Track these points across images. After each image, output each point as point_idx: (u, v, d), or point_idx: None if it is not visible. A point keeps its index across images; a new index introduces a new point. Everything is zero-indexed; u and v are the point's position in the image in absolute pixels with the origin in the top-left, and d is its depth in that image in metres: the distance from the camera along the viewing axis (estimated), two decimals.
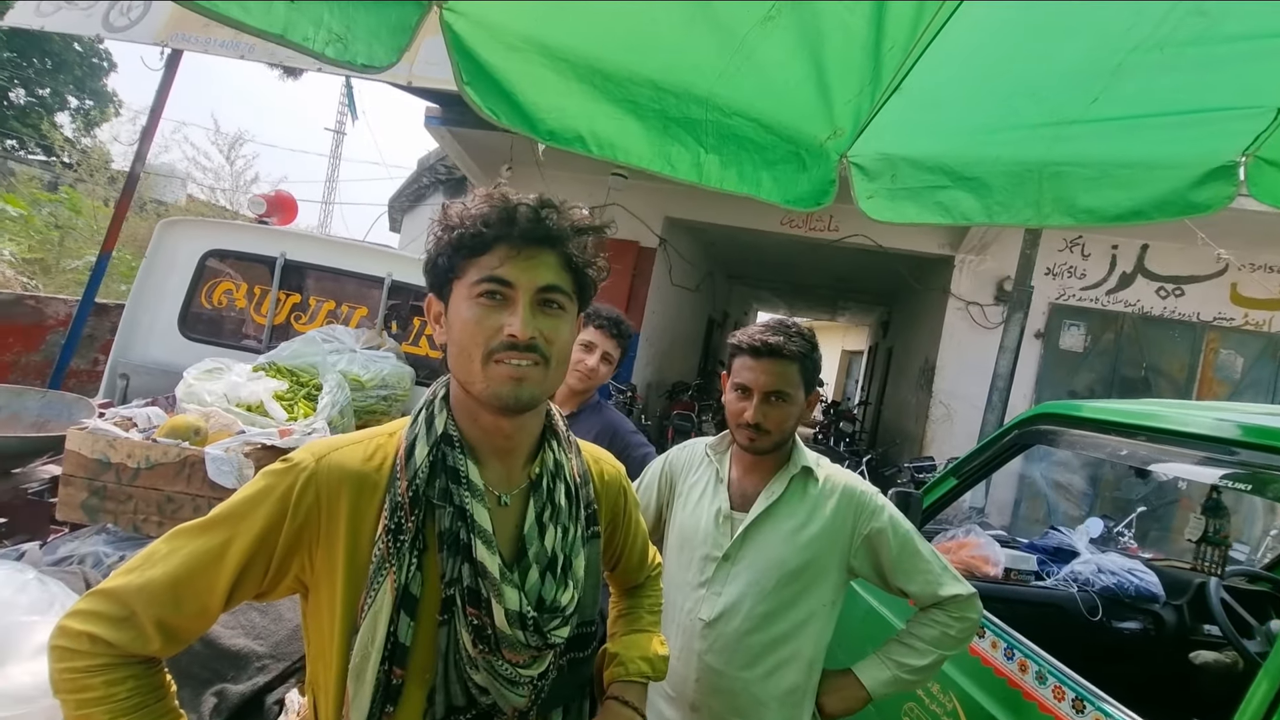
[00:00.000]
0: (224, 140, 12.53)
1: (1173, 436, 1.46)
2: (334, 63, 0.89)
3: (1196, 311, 6.31)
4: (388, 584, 0.73)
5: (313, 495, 0.75)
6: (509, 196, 0.79)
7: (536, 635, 0.78)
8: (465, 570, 0.76)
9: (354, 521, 0.76)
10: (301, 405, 2.05)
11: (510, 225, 0.77)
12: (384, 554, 0.74)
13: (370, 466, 0.79)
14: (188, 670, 1.18)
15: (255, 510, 0.74)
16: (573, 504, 0.87)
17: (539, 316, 0.79)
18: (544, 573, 0.81)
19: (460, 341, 0.79)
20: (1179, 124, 1.57)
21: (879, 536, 1.36)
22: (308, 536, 0.76)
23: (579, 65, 1.12)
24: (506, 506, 0.83)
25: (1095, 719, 1.29)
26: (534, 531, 0.82)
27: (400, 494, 0.76)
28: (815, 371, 1.40)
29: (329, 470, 0.77)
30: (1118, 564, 2.18)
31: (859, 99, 1.40)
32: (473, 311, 0.78)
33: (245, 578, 0.74)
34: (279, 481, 0.76)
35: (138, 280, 2.91)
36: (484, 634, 0.76)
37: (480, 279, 0.78)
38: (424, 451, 0.78)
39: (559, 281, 0.80)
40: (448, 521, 0.77)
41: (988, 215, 1.60)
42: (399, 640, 0.74)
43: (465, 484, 0.78)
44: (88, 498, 1.66)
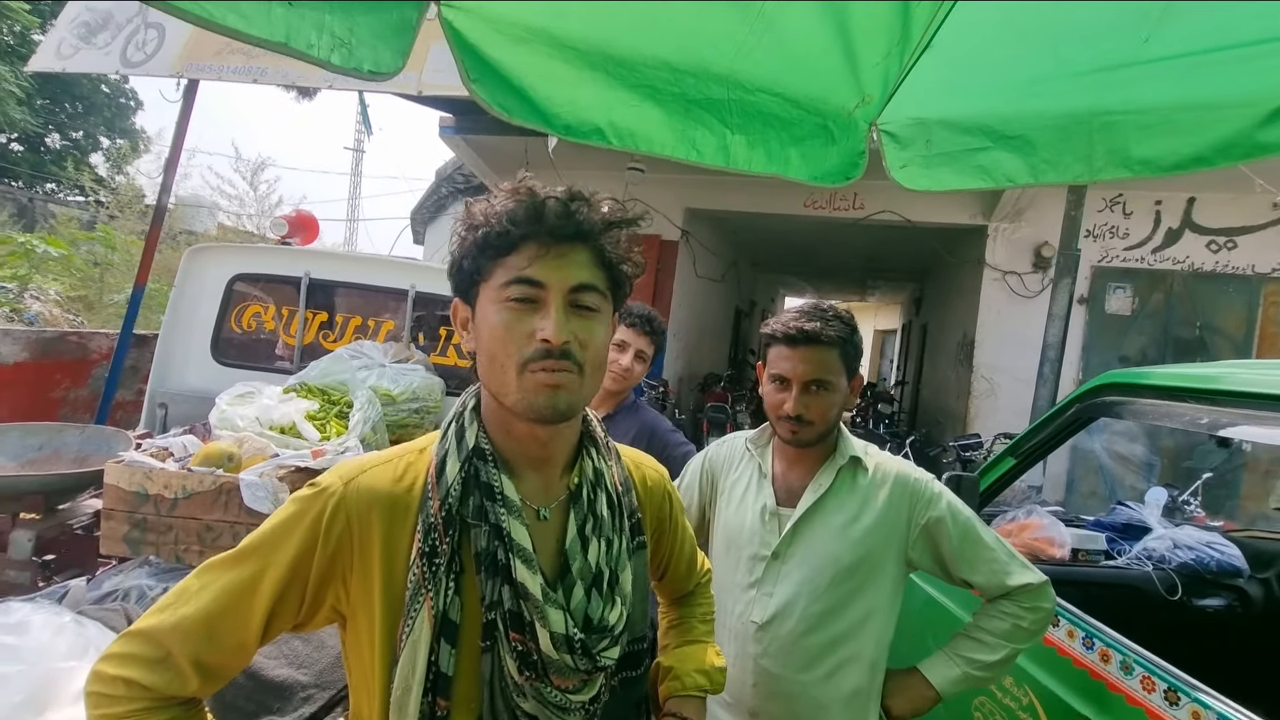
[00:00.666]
0: (246, 167, 12.84)
1: (1256, 400, 1.33)
2: (341, 70, 0.85)
3: (1251, 264, 5.98)
4: (425, 611, 0.70)
5: (343, 521, 0.72)
6: (535, 190, 0.74)
7: (585, 658, 0.73)
8: (505, 593, 0.72)
9: (388, 546, 0.72)
10: (334, 424, 2.04)
11: (538, 221, 0.72)
12: (420, 579, 0.70)
13: (401, 487, 0.75)
14: (233, 704, 1.16)
15: (286, 539, 0.71)
16: (615, 514, 0.82)
17: (572, 319, 0.74)
18: (589, 590, 0.76)
19: (490, 349, 0.74)
20: (1242, 57, 1.43)
21: (938, 526, 1.28)
22: (341, 564, 0.72)
23: (589, 53, 1.05)
24: (546, 521, 0.78)
25: (1192, 711, 1.18)
26: (576, 546, 0.77)
27: (433, 514, 0.72)
28: (857, 356, 1.32)
29: (358, 494, 0.73)
30: (1195, 538, 2.04)
31: (887, 61, 1.31)
32: (501, 316, 0.73)
33: (281, 609, 0.71)
34: (308, 508, 0.72)
35: (169, 309, 2.96)
36: (529, 660, 0.72)
37: (509, 280, 0.73)
38: (455, 468, 0.74)
39: (593, 280, 0.75)
40: (484, 541, 0.73)
41: (1033, 175, 1.49)
42: (441, 670, 0.70)
43: (501, 500, 0.74)
44: (129, 530, 1.66)
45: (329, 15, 0.86)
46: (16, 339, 3.69)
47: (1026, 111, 1.48)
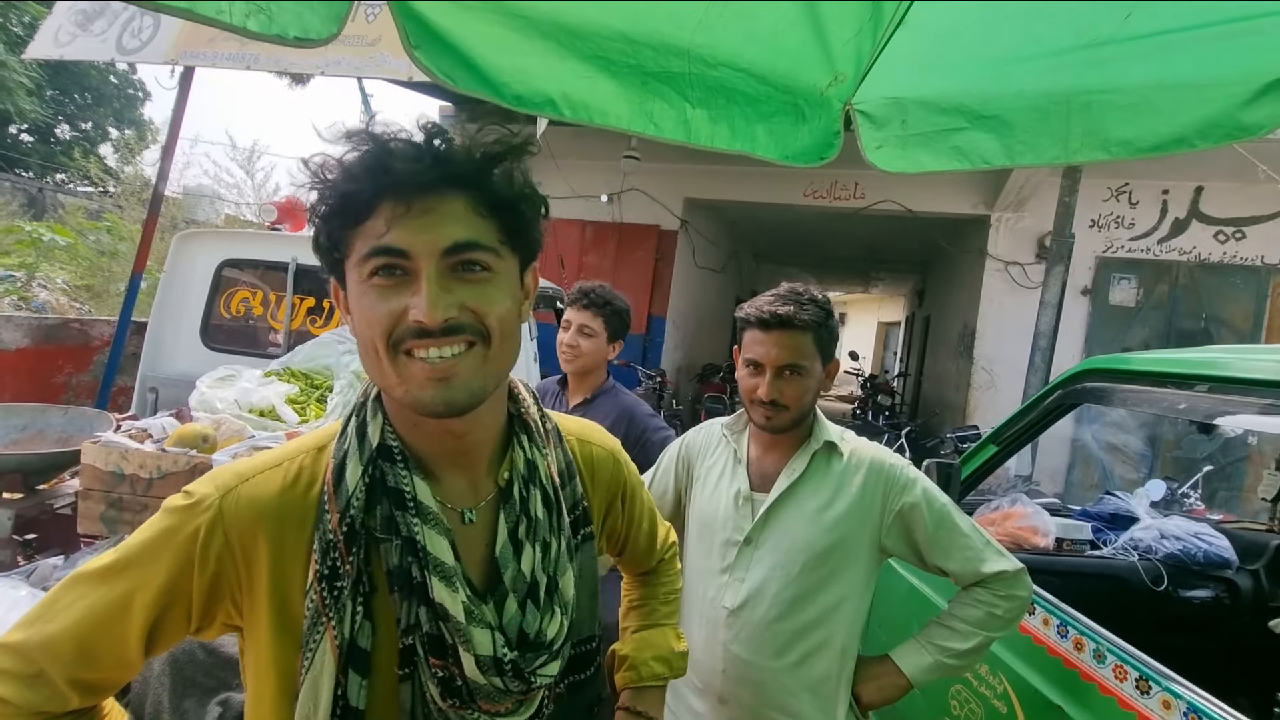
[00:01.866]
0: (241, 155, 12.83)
1: (1237, 384, 1.31)
2: (261, 37, 0.81)
3: (1260, 254, 5.89)
4: (326, 642, 0.60)
5: (220, 541, 0.61)
6: (379, 133, 0.60)
7: (517, 680, 0.64)
8: (423, 614, 0.62)
9: (278, 567, 0.62)
10: (314, 408, 2.04)
11: (385, 172, 0.58)
12: (319, 606, 0.60)
13: (292, 496, 0.64)
14: (192, 679, 1.16)
15: (156, 559, 0.61)
16: (553, 512, 0.72)
17: (457, 287, 0.61)
18: (524, 601, 0.67)
19: (362, 336, 0.62)
20: (1225, 34, 1.39)
21: (912, 512, 1.26)
22: (225, 585, 0.63)
23: (539, 21, 1.02)
24: (472, 525, 0.68)
25: (1163, 700, 1.17)
26: (508, 553, 0.67)
27: (331, 529, 0.61)
28: (831, 340, 1.30)
29: (237, 508, 0.62)
30: (1182, 528, 2.01)
31: (859, 38, 1.28)
32: (367, 298, 0.60)
33: (162, 628, 0.62)
34: (180, 524, 0.62)
35: (158, 295, 2.97)
36: (453, 686, 0.63)
37: (367, 253, 0.59)
38: (357, 472, 0.63)
39: (474, 235, 0.61)
40: (396, 557, 0.62)
41: (1009, 157, 1.45)
42: (350, 704, 0.61)
43: (413, 507, 0.63)
44: (106, 510, 1.67)
45: None
46: (19, 325, 3.73)
47: (1004, 91, 1.45)
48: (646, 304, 7.53)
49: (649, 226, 7.52)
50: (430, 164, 0.59)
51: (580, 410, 1.92)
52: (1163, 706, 1.16)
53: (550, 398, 2.02)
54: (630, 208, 7.47)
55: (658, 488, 1.48)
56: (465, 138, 0.62)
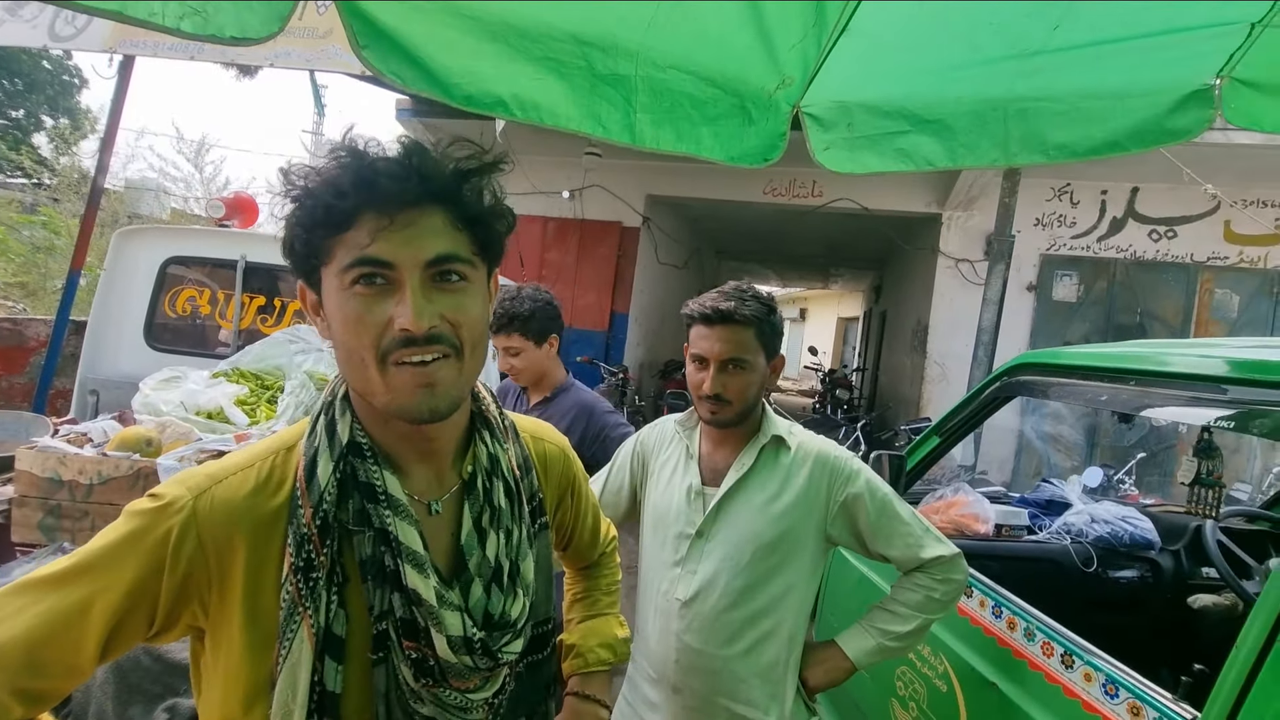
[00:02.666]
0: (189, 147, 12.33)
1: (1156, 378, 1.40)
2: (197, 38, 0.80)
3: (1190, 252, 6.23)
4: (304, 631, 0.63)
5: (193, 543, 0.63)
6: (362, 150, 0.63)
7: (486, 657, 0.69)
8: (396, 600, 0.66)
9: (253, 566, 0.64)
10: (264, 409, 2.00)
11: (371, 187, 0.62)
12: (294, 598, 0.63)
13: (266, 495, 0.67)
14: (138, 686, 1.14)
15: (121, 562, 0.61)
16: (514, 502, 0.76)
17: (437, 297, 0.64)
18: (489, 585, 0.71)
19: (346, 344, 0.64)
20: (1149, 47, 1.48)
21: (856, 502, 1.31)
22: (195, 586, 0.64)
23: (489, 22, 1.03)
24: (438, 515, 0.72)
25: (1085, 673, 1.24)
26: (473, 540, 0.71)
27: (305, 524, 0.64)
28: (775, 335, 1.34)
29: (212, 511, 0.64)
30: (1111, 512, 2.13)
31: (804, 44, 1.32)
32: (350, 305, 0.63)
33: (120, 634, 0.62)
34: (149, 526, 0.62)
35: (98, 294, 2.86)
36: (426, 666, 0.67)
37: (350, 263, 0.62)
38: (329, 468, 0.66)
39: (453, 248, 0.65)
40: (369, 548, 0.66)
41: (952, 159, 1.52)
42: (327, 689, 0.63)
43: (385, 499, 0.66)
44: (43, 517, 1.61)
45: None
46: None
47: (945, 96, 1.52)
48: (609, 301, 7.54)
49: (611, 223, 7.52)
50: (413, 180, 0.63)
51: (541, 408, 1.93)
52: (1084, 679, 1.24)
53: (512, 397, 2.03)
54: (592, 204, 7.46)
55: (613, 484, 1.50)
56: (439, 152, 0.66)
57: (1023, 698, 1.36)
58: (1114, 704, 1.16)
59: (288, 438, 0.72)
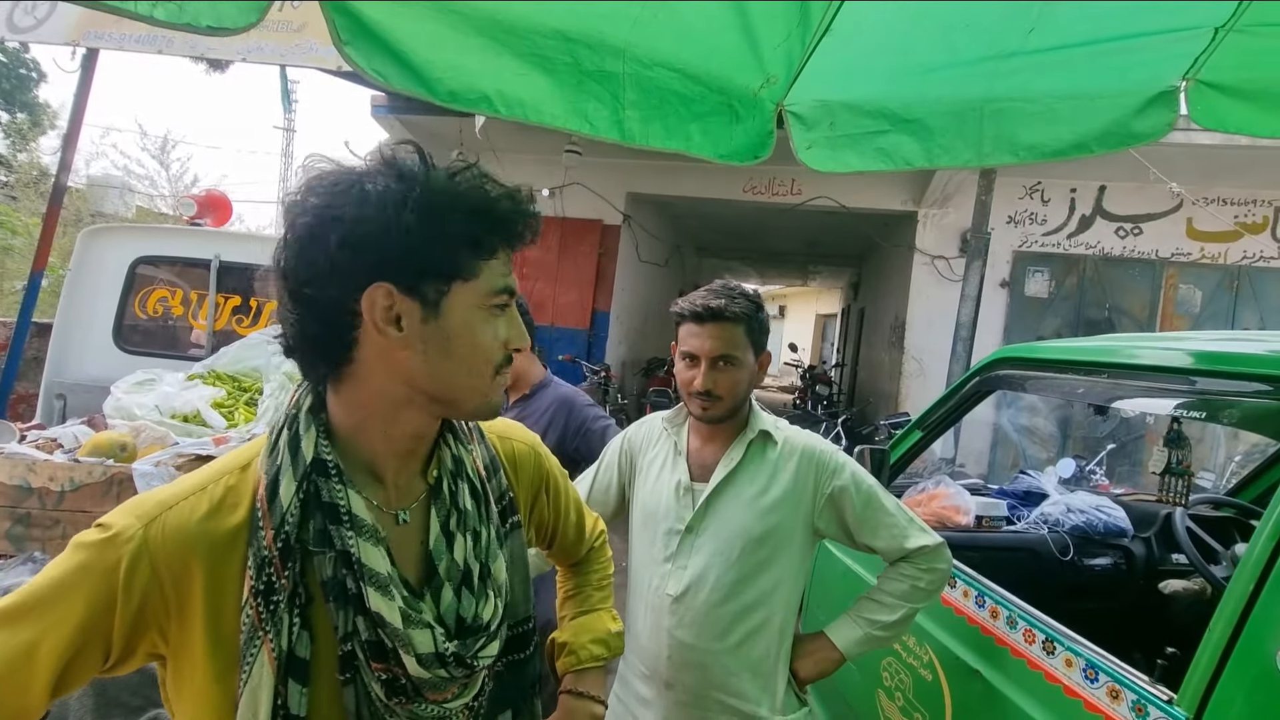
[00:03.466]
0: (153, 144, 12.03)
1: (1129, 370, 1.44)
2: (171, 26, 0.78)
3: (1155, 249, 6.41)
4: (264, 655, 0.61)
5: (147, 572, 0.61)
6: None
7: (460, 667, 0.68)
8: (360, 622, 0.65)
9: (212, 591, 0.63)
10: (243, 411, 1.96)
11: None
12: (255, 621, 0.62)
13: (221, 519, 0.65)
14: (117, 698, 1.11)
15: (69, 597, 0.59)
16: (480, 502, 0.77)
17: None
18: (459, 589, 0.71)
19: (469, 355, 0.69)
20: (1117, 50, 1.52)
21: (842, 494, 1.33)
22: (151, 614, 0.62)
23: (475, 18, 1.02)
24: (406, 524, 0.72)
25: (1065, 659, 1.28)
26: (441, 545, 0.72)
27: (266, 546, 0.63)
28: (762, 332, 1.35)
29: (164, 538, 0.62)
30: (1086, 502, 2.19)
31: (789, 43, 1.33)
32: (489, 324, 0.70)
33: (74, 669, 0.60)
34: (97, 558, 0.60)
35: (64, 295, 2.78)
36: (397, 685, 0.66)
37: (500, 289, 0.70)
38: (291, 487, 0.64)
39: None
40: (330, 569, 0.64)
41: (929, 159, 1.55)
42: (291, 712, 0.62)
43: (348, 520, 0.65)
44: (11, 526, 1.56)
45: None
46: None
47: (924, 97, 1.55)
48: (590, 299, 7.52)
49: (592, 221, 7.50)
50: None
51: (521, 405, 1.92)
52: (1065, 664, 1.27)
53: None
54: (573, 202, 7.43)
55: (601, 482, 1.50)
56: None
57: (1006, 684, 1.39)
58: (1094, 688, 1.20)
59: (241, 457, 0.70)
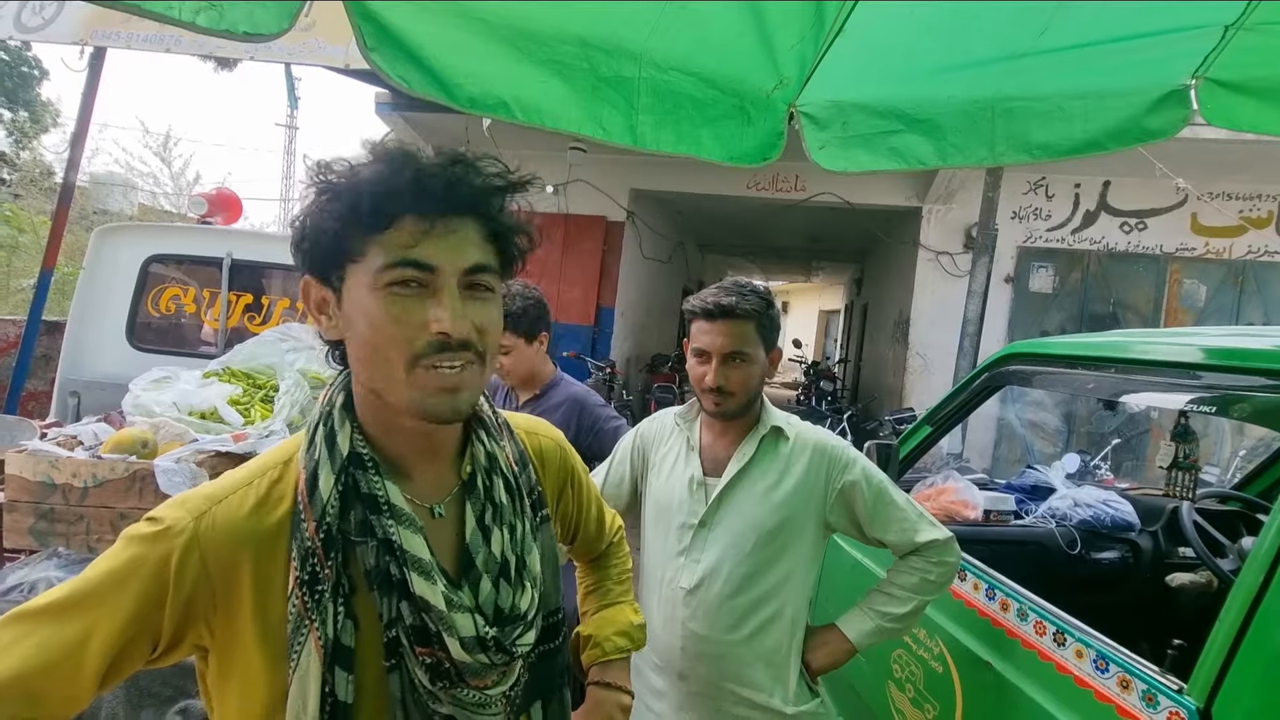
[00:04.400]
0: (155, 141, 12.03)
1: (1138, 365, 1.45)
2: (210, 32, 0.80)
3: (1159, 244, 6.41)
4: (311, 643, 0.63)
5: (197, 565, 0.63)
6: (411, 153, 0.64)
7: (500, 653, 0.69)
8: (405, 608, 0.66)
9: (259, 582, 0.65)
10: (259, 408, 1.98)
11: (421, 192, 0.62)
12: (300, 611, 0.63)
13: (267, 512, 0.67)
14: (149, 689, 1.14)
15: (121, 590, 0.61)
16: (515, 497, 0.77)
17: (469, 304, 0.65)
18: (497, 581, 0.72)
19: (372, 342, 0.65)
20: (1129, 49, 1.54)
21: (852, 489, 1.35)
22: (200, 607, 0.64)
23: (498, 25, 1.04)
24: (442, 518, 0.72)
25: (1076, 650, 1.30)
26: (478, 539, 0.72)
27: (309, 537, 0.64)
28: (773, 329, 1.37)
29: (214, 532, 0.64)
30: (1093, 496, 2.20)
31: (802, 45, 1.35)
32: (385, 305, 0.63)
33: (123, 660, 0.62)
34: (148, 552, 0.62)
35: (78, 293, 2.80)
36: (441, 669, 0.67)
37: (391, 263, 0.62)
38: (330, 480, 0.66)
39: (485, 258, 0.67)
40: (373, 558, 0.66)
41: (941, 158, 1.56)
42: (339, 699, 0.64)
43: (388, 509, 0.66)
44: (35, 522, 1.59)
45: None
46: None
47: (936, 97, 1.56)
48: (595, 295, 7.54)
49: (595, 218, 7.51)
50: (457, 189, 0.64)
51: (531, 405, 1.94)
52: (1076, 655, 1.29)
53: (501, 395, 2.03)
54: (576, 199, 7.44)
55: (614, 477, 1.52)
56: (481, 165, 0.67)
57: (1017, 675, 1.41)
58: (1105, 678, 1.22)
59: (283, 452, 0.72)
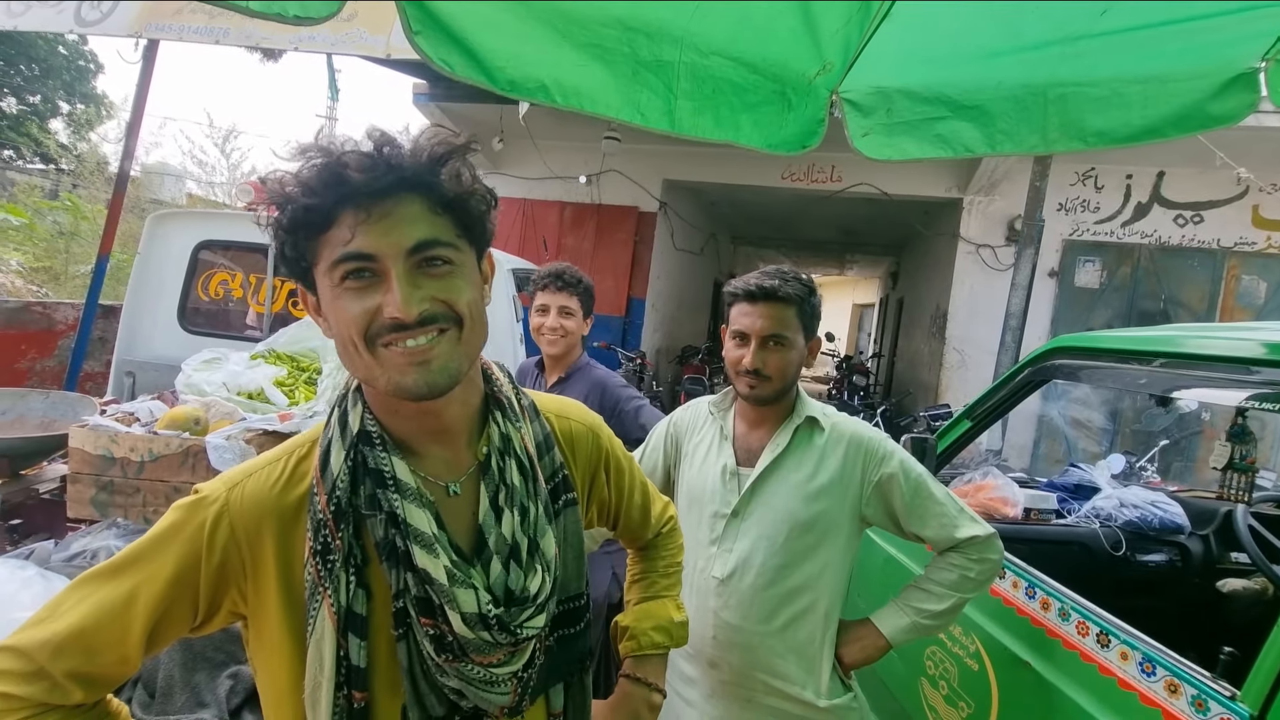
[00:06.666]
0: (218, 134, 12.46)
1: (1192, 360, 1.40)
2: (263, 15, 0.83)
3: (1216, 238, 6.12)
4: (325, 609, 0.67)
5: (226, 531, 0.68)
6: (331, 146, 0.63)
7: (504, 633, 0.70)
8: (410, 579, 0.68)
9: (283, 551, 0.69)
10: (302, 390, 2.04)
11: (343, 183, 0.62)
12: (315, 578, 0.67)
13: (291, 486, 0.72)
14: (202, 653, 1.19)
15: (163, 552, 0.67)
16: (529, 479, 0.77)
17: (425, 282, 0.66)
18: (507, 562, 0.73)
19: (341, 335, 0.67)
20: (1194, 31, 1.46)
21: (890, 482, 1.33)
22: (231, 573, 0.69)
23: (540, 7, 1.04)
24: (458, 496, 0.74)
25: (1121, 652, 1.26)
26: (490, 519, 0.73)
27: (321, 510, 0.68)
28: (814, 316, 1.35)
29: (242, 502, 0.69)
30: (1140, 497, 2.13)
31: (847, 29, 1.32)
32: (344, 300, 0.65)
33: (166, 622, 0.68)
34: (189, 518, 0.69)
35: (133, 277, 2.92)
36: (444, 642, 0.69)
37: (335, 260, 0.64)
38: (340, 456, 0.69)
39: (434, 233, 0.66)
40: (381, 530, 0.69)
41: (990, 145, 1.52)
42: (353, 663, 0.68)
43: (393, 484, 0.69)
44: (96, 493, 1.67)
45: None
46: None
47: (985, 82, 1.51)
48: (626, 286, 7.54)
49: (628, 208, 7.51)
50: (384, 171, 0.63)
51: (558, 388, 1.96)
52: (1120, 658, 1.26)
53: (530, 378, 2.06)
54: (609, 189, 7.44)
55: (647, 464, 1.53)
56: (409, 140, 0.66)
57: (1057, 675, 1.38)
58: (1151, 681, 1.18)
59: (313, 432, 0.76)
